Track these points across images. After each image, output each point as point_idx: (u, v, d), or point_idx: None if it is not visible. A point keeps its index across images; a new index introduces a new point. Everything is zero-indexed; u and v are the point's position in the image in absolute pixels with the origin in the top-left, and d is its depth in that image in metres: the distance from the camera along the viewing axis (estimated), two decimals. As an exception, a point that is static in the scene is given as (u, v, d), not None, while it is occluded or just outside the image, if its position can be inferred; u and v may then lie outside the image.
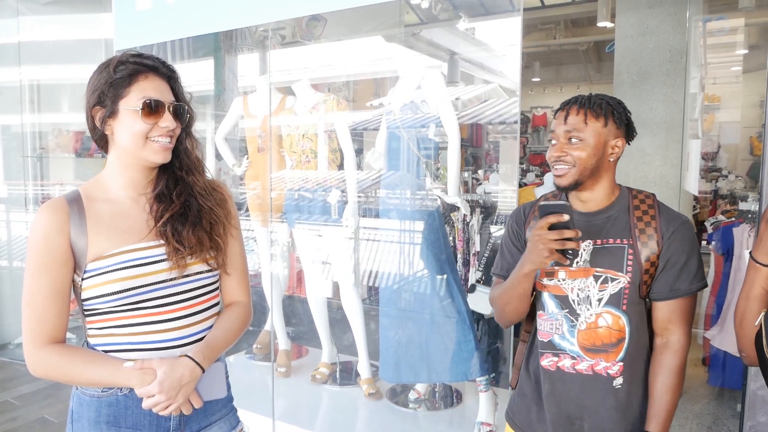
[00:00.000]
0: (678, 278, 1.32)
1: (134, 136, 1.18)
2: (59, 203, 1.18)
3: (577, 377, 1.38)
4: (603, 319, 1.34)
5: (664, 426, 1.31)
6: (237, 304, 1.36)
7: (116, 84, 1.17)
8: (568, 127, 1.33)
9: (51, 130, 4.90)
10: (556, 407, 1.40)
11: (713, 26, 5.85)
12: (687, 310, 1.34)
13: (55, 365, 1.15)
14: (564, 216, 1.25)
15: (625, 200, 1.39)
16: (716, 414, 3.49)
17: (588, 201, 1.39)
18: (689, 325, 1.35)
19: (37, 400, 3.67)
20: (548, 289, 1.41)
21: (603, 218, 1.37)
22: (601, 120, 1.33)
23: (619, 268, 1.33)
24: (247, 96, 3.48)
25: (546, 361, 1.42)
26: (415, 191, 2.91)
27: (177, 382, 1.15)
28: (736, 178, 7.42)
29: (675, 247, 1.32)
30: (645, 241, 1.33)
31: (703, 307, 3.88)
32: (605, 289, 1.34)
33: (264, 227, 3.43)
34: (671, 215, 1.36)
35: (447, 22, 3.83)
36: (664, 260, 1.32)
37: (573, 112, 1.34)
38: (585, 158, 1.32)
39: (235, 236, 1.35)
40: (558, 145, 1.35)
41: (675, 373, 1.32)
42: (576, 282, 1.36)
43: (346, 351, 3.38)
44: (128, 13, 2.97)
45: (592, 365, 1.36)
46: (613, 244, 1.34)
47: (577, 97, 1.37)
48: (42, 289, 1.15)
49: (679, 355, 1.33)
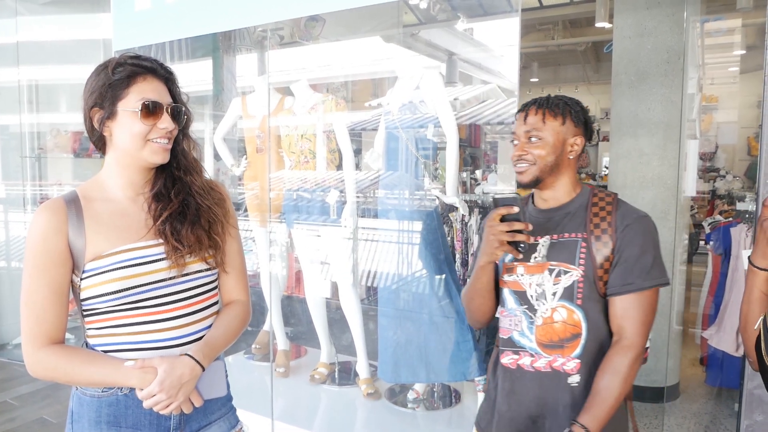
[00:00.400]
0: (631, 272, 1.30)
1: (133, 137, 1.19)
2: (57, 204, 1.18)
3: (536, 375, 1.37)
4: (558, 314, 1.34)
5: (596, 422, 1.25)
6: (236, 302, 1.37)
7: (114, 86, 1.18)
8: (527, 127, 1.36)
9: (49, 130, 4.90)
10: (517, 406, 1.39)
11: (711, 27, 5.86)
12: (642, 309, 1.31)
13: (54, 366, 1.15)
14: (513, 208, 1.28)
15: (586, 198, 1.40)
16: (714, 413, 3.50)
17: (549, 199, 1.41)
18: (644, 326, 1.31)
19: (36, 400, 3.67)
20: (508, 285, 1.42)
21: (561, 214, 1.39)
22: (559, 119, 1.37)
23: (571, 261, 1.33)
24: (245, 96, 3.48)
25: (506, 359, 1.42)
26: (413, 191, 2.91)
27: (177, 380, 1.15)
28: (734, 179, 7.44)
29: (628, 240, 1.31)
30: (599, 235, 1.33)
31: (701, 307, 3.89)
32: (559, 282, 1.34)
33: (263, 227, 3.44)
34: (628, 210, 1.36)
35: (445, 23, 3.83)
36: (618, 254, 1.31)
37: (532, 112, 1.37)
38: (544, 156, 1.35)
39: (233, 235, 1.36)
40: (519, 145, 1.38)
41: (618, 372, 1.28)
42: (534, 278, 1.37)
43: (345, 351, 3.39)
44: (127, 14, 2.97)
45: (550, 362, 1.36)
46: (568, 238, 1.36)
47: (535, 99, 1.40)
48: (41, 290, 1.15)
49: (626, 355, 1.29)
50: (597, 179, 9.04)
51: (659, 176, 3.54)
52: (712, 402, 3.66)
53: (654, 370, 3.63)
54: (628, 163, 3.65)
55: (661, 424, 3.37)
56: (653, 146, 3.54)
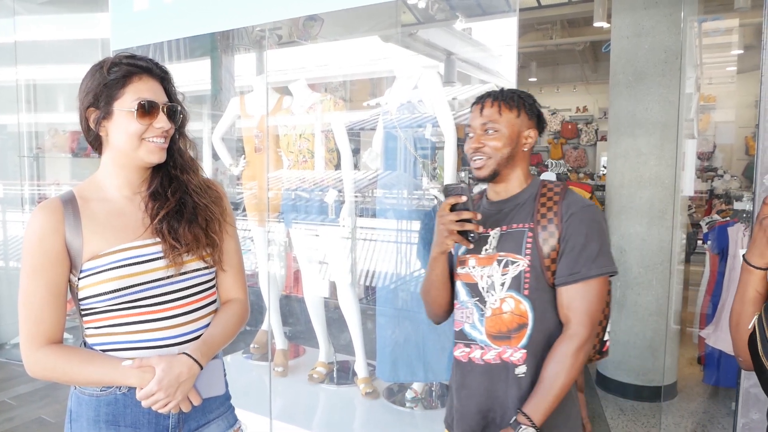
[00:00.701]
0: (577, 261, 1.29)
1: (129, 136, 1.19)
2: (54, 204, 1.19)
3: (486, 368, 1.37)
4: (507, 304, 1.34)
5: (540, 411, 1.25)
6: (234, 301, 1.37)
7: (110, 85, 1.18)
8: (483, 119, 1.37)
9: (47, 129, 4.90)
10: (468, 400, 1.39)
11: (708, 27, 5.87)
12: (587, 298, 1.30)
13: (52, 365, 1.16)
14: (462, 197, 1.29)
15: (535, 189, 1.41)
16: (711, 412, 3.51)
17: (501, 191, 1.42)
18: (589, 316, 1.29)
19: (34, 400, 3.67)
20: (461, 277, 1.43)
21: (511, 205, 1.40)
22: (514, 111, 1.38)
23: (517, 251, 1.34)
24: (244, 96, 3.48)
25: (458, 352, 1.42)
26: (411, 191, 2.92)
27: (176, 379, 1.15)
28: (732, 178, 7.45)
29: (573, 229, 1.31)
30: (545, 225, 1.33)
31: (699, 307, 3.91)
32: (506, 273, 1.34)
33: (261, 227, 3.44)
34: (574, 200, 1.35)
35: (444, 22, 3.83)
36: (564, 243, 1.31)
37: (488, 104, 1.38)
38: (501, 148, 1.36)
39: (231, 233, 1.36)
40: (475, 137, 1.38)
41: (561, 361, 1.27)
42: (485, 269, 1.38)
43: (343, 350, 3.39)
44: (125, 13, 2.97)
45: (499, 353, 1.35)
46: (515, 228, 1.36)
47: (489, 92, 1.42)
48: (38, 290, 1.15)
49: (569, 344, 1.28)
50: (595, 179, 9.06)
51: (657, 176, 3.55)
52: (709, 401, 3.67)
53: (651, 369, 3.64)
54: (626, 162, 3.66)
55: (659, 423, 3.38)
56: (651, 146, 3.55)
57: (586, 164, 10.69)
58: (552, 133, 10.98)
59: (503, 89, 1.43)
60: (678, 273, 3.74)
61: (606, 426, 3.34)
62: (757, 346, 1.11)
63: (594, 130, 10.66)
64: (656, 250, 3.58)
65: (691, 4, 3.59)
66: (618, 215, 3.73)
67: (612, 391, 3.77)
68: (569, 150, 10.80)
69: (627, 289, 3.68)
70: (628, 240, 3.66)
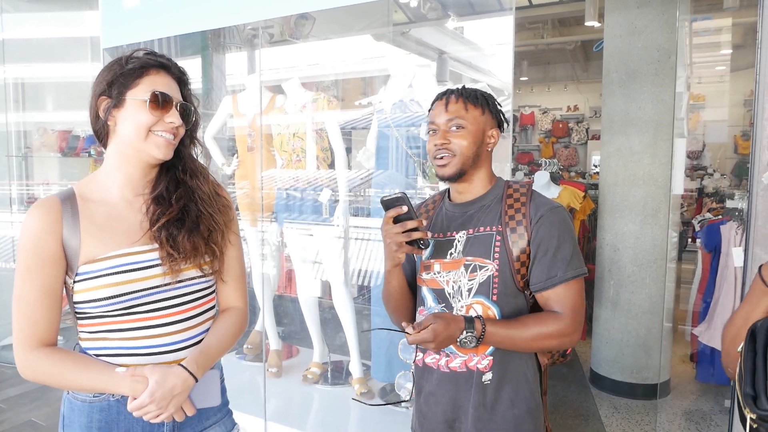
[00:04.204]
0: (552, 265, 1.27)
1: (138, 127, 1.16)
2: (51, 202, 1.15)
3: (452, 376, 1.33)
4: (473, 311, 1.30)
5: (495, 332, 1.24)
6: (233, 309, 1.34)
7: (126, 74, 1.17)
8: (449, 115, 1.32)
9: (36, 129, 4.84)
10: (435, 407, 1.35)
11: (699, 26, 5.91)
12: (571, 298, 1.27)
13: (45, 369, 1.13)
14: (402, 207, 1.24)
15: (500, 190, 1.37)
16: (705, 410, 3.53)
17: (464, 192, 1.38)
18: (574, 314, 1.27)
19: (25, 402, 3.62)
20: (426, 283, 1.38)
21: (476, 207, 1.36)
22: (479, 108, 1.34)
23: (486, 255, 1.29)
24: (236, 95, 3.46)
25: (426, 359, 1.38)
26: (405, 190, 2.90)
27: (169, 392, 1.13)
28: (721, 177, 7.50)
29: (544, 232, 1.27)
30: (513, 227, 1.29)
31: (691, 305, 3.92)
32: (474, 278, 1.30)
33: (254, 227, 3.41)
34: (541, 201, 1.32)
35: (436, 21, 3.82)
36: (535, 247, 1.27)
37: (453, 100, 1.33)
38: (467, 146, 1.31)
39: (234, 242, 1.33)
40: (440, 133, 1.33)
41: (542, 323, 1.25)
42: (450, 274, 1.33)
43: (338, 350, 3.37)
44: (116, 11, 2.94)
45: (465, 361, 1.31)
46: (483, 232, 1.32)
47: (451, 89, 1.37)
48: (32, 291, 1.12)
49: (556, 321, 1.25)
50: (586, 177, 9.09)
51: (650, 174, 3.56)
52: (702, 398, 3.69)
53: (645, 367, 3.65)
54: (619, 161, 3.67)
55: (653, 420, 3.39)
56: (644, 144, 3.56)
57: (577, 163, 10.74)
58: (543, 131, 11.02)
59: (464, 87, 1.38)
60: (670, 271, 3.76)
61: (600, 424, 3.34)
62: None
63: (585, 129, 10.71)
64: (649, 248, 3.59)
65: (683, 3, 3.60)
66: (611, 213, 3.73)
67: (605, 389, 3.78)
68: (560, 149, 10.84)
69: (620, 288, 3.69)
70: (621, 238, 3.67)
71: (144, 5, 2.83)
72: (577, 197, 4.40)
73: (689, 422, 3.39)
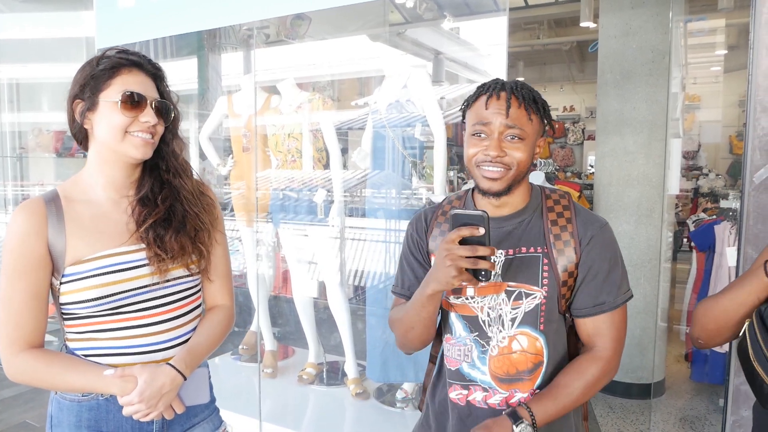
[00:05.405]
0: (601, 291, 1.15)
1: (113, 129, 1.15)
2: (36, 204, 1.15)
3: (490, 413, 1.18)
4: (517, 342, 1.16)
5: (544, 412, 1.11)
6: (219, 308, 1.34)
7: (97, 76, 1.15)
8: (510, 122, 1.12)
9: (31, 129, 4.82)
10: None
11: (694, 27, 5.93)
12: (615, 326, 1.17)
13: (33, 371, 1.13)
14: (480, 229, 1.02)
15: (538, 201, 1.21)
16: (699, 409, 3.54)
17: (502, 205, 1.19)
18: (618, 342, 1.17)
19: (19, 404, 3.61)
20: (455, 308, 1.21)
21: (515, 223, 1.19)
22: (538, 115, 1.16)
23: (533, 282, 1.15)
24: (231, 95, 3.46)
25: (454, 394, 1.23)
26: (401, 190, 2.91)
27: (158, 391, 1.13)
28: (716, 177, 7.53)
29: (595, 254, 1.15)
30: (561, 248, 1.15)
31: (686, 304, 3.93)
32: (519, 306, 1.15)
33: (249, 227, 3.41)
34: (589, 218, 1.19)
35: (432, 22, 3.82)
36: (585, 270, 1.15)
37: (515, 104, 1.12)
38: (524, 161, 1.13)
39: (220, 240, 1.33)
40: (494, 142, 1.12)
41: (583, 376, 1.13)
42: (486, 300, 1.17)
43: (333, 351, 3.37)
44: (110, 11, 2.93)
45: (506, 398, 1.18)
46: (527, 253, 1.16)
47: (504, 83, 1.16)
48: (19, 294, 1.12)
49: (597, 364, 1.15)
50: (582, 177, 9.12)
51: (644, 174, 3.57)
52: (697, 397, 3.70)
53: (640, 366, 3.66)
54: (614, 161, 3.68)
55: (648, 420, 3.40)
56: (638, 144, 3.57)
57: (573, 163, 10.76)
58: (539, 132, 11.03)
59: (521, 84, 1.17)
60: (665, 271, 3.77)
61: (595, 424, 3.34)
62: (746, 351, 1.08)
63: (581, 130, 10.74)
64: (644, 249, 3.60)
65: (678, 4, 3.62)
66: (606, 214, 3.74)
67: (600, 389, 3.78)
68: (556, 149, 10.87)
69: (615, 288, 3.70)
70: (616, 238, 3.68)
71: (139, 5, 2.83)
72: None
73: (684, 421, 3.40)
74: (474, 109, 1.16)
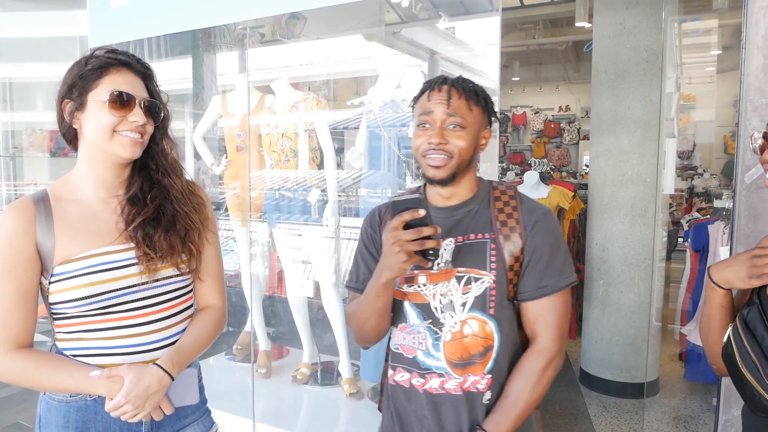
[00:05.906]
0: (545, 274, 1.19)
1: (101, 128, 1.15)
2: (25, 203, 1.14)
3: (447, 398, 1.21)
4: (469, 327, 1.19)
5: (500, 429, 1.16)
6: (210, 308, 1.34)
7: (85, 76, 1.15)
8: (450, 111, 1.17)
9: (25, 129, 4.81)
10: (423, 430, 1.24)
11: (688, 27, 5.95)
12: (556, 312, 1.20)
13: (21, 371, 1.12)
14: (420, 211, 1.07)
15: (486, 192, 1.27)
16: (693, 408, 3.55)
17: (451, 196, 1.25)
18: (559, 329, 1.20)
19: (11, 405, 3.59)
20: (408, 297, 1.24)
21: (463, 212, 1.24)
22: (480, 107, 1.22)
23: (481, 266, 1.19)
24: (225, 95, 3.45)
25: (411, 382, 1.25)
26: (395, 190, 2.91)
27: (144, 391, 1.12)
28: (711, 177, 7.56)
29: (539, 239, 1.20)
30: (507, 234, 1.20)
31: (680, 304, 3.95)
32: (469, 291, 1.19)
33: (243, 227, 3.40)
34: (533, 206, 1.24)
35: (427, 21, 3.82)
36: (529, 254, 1.19)
37: (455, 95, 1.19)
38: (465, 148, 1.18)
39: (211, 240, 1.32)
40: (436, 131, 1.18)
41: (528, 378, 1.18)
42: (438, 287, 1.21)
43: (327, 351, 3.37)
44: (103, 10, 2.92)
45: (460, 384, 1.21)
46: (475, 239, 1.21)
47: (446, 78, 1.23)
48: (7, 293, 1.11)
49: (537, 360, 1.19)
50: (578, 177, 9.13)
51: (639, 174, 3.58)
52: (690, 396, 3.71)
53: (634, 366, 3.67)
54: (608, 161, 3.69)
55: (641, 419, 3.41)
56: (632, 144, 3.58)
57: (568, 163, 10.78)
58: (535, 132, 11.06)
59: (462, 78, 1.24)
60: (659, 270, 3.78)
61: (589, 423, 3.36)
62: (733, 358, 1.07)
63: (576, 129, 10.76)
64: (638, 248, 3.61)
65: (671, 4, 3.63)
66: (600, 213, 3.75)
67: (595, 388, 3.79)
68: (552, 149, 10.88)
69: (609, 287, 3.71)
70: (610, 238, 3.69)
71: (132, 4, 2.81)
72: (566, 197, 4.42)
73: (678, 420, 3.41)
74: (419, 103, 1.24)
